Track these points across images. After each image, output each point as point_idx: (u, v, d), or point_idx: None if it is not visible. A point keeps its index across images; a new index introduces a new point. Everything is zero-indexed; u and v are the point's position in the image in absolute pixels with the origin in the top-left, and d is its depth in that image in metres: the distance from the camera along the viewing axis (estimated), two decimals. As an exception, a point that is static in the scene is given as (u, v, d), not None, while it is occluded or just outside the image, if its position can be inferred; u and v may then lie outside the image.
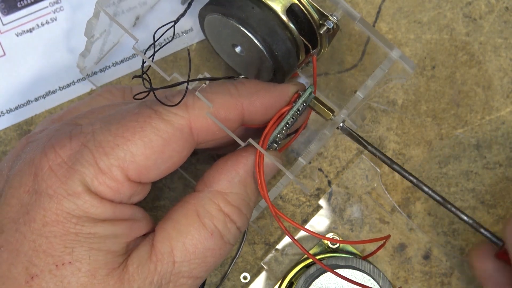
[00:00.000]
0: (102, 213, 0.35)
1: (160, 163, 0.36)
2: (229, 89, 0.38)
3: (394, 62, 0.40)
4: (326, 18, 0.41)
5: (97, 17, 0.40)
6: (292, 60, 0.41)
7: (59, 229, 0.34)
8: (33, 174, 0.35)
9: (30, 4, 0.47)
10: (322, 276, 0.44)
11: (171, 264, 0.36)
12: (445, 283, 0.47)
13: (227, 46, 0.43)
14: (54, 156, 0.35)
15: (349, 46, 0.48)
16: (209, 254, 0.37)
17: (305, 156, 0.38)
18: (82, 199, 0.34)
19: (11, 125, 0.47)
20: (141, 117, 0.35)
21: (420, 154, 0.48)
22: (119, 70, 0.48)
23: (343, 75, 0.48)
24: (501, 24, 0.49)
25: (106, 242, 0.35)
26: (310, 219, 0.47)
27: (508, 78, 0.48)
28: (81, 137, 0.35)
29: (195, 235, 0.36)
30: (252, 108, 0.38)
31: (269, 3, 0.40)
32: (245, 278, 0.46)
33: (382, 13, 0.49)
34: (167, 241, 0.36)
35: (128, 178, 0.35)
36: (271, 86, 0.40)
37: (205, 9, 0.42)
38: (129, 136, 0.35)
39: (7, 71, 0.47)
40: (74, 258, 0.34)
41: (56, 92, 0.47)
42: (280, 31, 0.40)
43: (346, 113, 0.39)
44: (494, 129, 0.48)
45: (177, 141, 0.36)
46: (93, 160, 0.34)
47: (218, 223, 0.37)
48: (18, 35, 0.47)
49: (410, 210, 0.47)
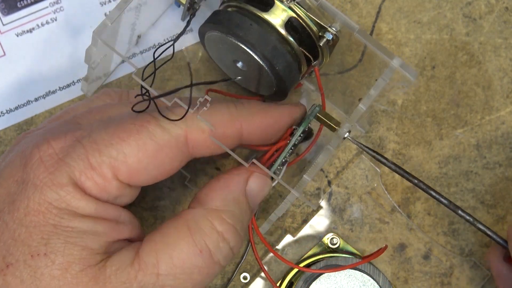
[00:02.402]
0: (84, 208, 0.35)
1: (151, 168, 0.36)
2: (229, 108, 0.38)
3: (396, 71, 0.40)
4: (325, 30, 0.41)
5: (96, 45, 0.40)
6: (294, 73, 0.41)
7: (39, 219, 0.34)
8: (23, 164, 0.35)
9: (30, 4, 0.47)
10: (322, 276, 0.44)
11: (154, 276, 0.35)
12: (445, 283, 0.47)
13: (229, 61, 0.43)
14: (46, 147, 0.35)
15: (349, 46, 0.48)
16: (196, 271, 0.36)
17: (310, 172, 0.38)
18: (66, 190, 0.34)
19: (11, 125, 0.47)
20: (138, 121, 0.36)
21: (420, 154, 0.48)
22: (119, 70, 0.48)
23: (343, 75, 0.48)
24: (501, 24, 0.49)
25: (84, 238, 0.34)
26: (310, 219, 0.47)
27: (508, 78, 0.48)
28: (77, 133, 0.36)
29: (184, 249, 0.36)
30: (250, 128, 0.38)
31: (268, 18, 0.40)
32: (245, 278, 0.46)
33: (382, 13, 0.49)
34: (153, 252, 0.35)
35: (117, 178, 0.35)
36: (272, 107, 0.40)
37: (204, 26, 0.42)
38: (124, 137, 0.35)
39: (7, 71, 0.47)
40: (49, 250, 0.34)
41: (56, 92, 0.47)
42: (280, 46, 0.40)
43: (349, 126, 0.39)
44: (494, 129, 0.48)
45: (171, 149, 0.36)
46: (84, 155, 0.35)
47: (210, 241, 0.36)
48: (18, 35, 0.47)
49: (410, 210, 0.47)
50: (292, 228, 0.47)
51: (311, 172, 0.38)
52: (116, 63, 0.47)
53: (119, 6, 0.40)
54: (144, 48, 0.48)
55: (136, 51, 0.48)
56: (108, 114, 0.39)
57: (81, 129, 0.36)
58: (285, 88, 0.42)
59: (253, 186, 0.39)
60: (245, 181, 0.38)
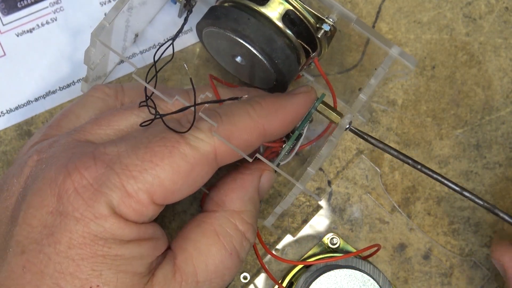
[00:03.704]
0: (128, 234, 0.35)
1: (185, 187, 0.36)
2: (248, 111, 0.38)
3: (395, 60, 0.40)
4: (323, 21, 0.41)
5: (94, 46, 0.40)
6: (293, 65, 0.41)
7: (86, 252, 0.34)
8: (57, 195, 0.35)
9: (30, 4, 0.47)
10: (322, 276, 0.44)
11: (194, 284, 0.37)
12: (445, 283, 0.47)
13: (227, 56, 0.43)
14: (79, 177, 0.35)
15: (349, 46, 0.48)
16: (227, 272, 0.38)
17: (314, 164, 0.38)
18: (109, 221, 0.34)
19: (11, 125, 0.47)
20: (168, 142, 0.35)
21: (420, 154, 0.48)
22: (120, 70, 0.48)
23: (343, 75, 0.48)
24: (501, 24, 0.49)
25: (133, 264, 0.35)
26: (310, 219, 0.47)
27: (508, 78, 0.49)
28: (106, 159, 0.35)
29: (217, 255, 0.37)
30: (272, 128, 0.38)
31: (265, 12, 0.40)
32: (245, 278, 0.46)
33: (382, 13, 0.49)
34: (190, 261, 0.37)
35: (153, 202, 0.35)
36: (287, 101, 0.40)
37: (202, 22, 0.42)
38: (157, 161, 0.35)
39: (7, 71, 0.47)
40: (102, 281, 0.34)
41: (56, 92, 0.47)
42: (278, 39, 0.40)
43: (351, 117, 0.40)
44: (494, 129, 0.48)
45: (202, 167, 0.36)
46: (119, 183, 0.34)
47: (236, 242, 0.38)
48: (18, 35, 0.47)
49: (410, 210, 0.47)
50: (292, 228, 0.47)
51: (315, 164, 0.38)
52: (114, 62, 0.47)
53: (116, 6, 0.40)
54: (144, 47, 0.48)
55: (136, 51, 0.48)
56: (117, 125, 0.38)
57: (107, 154, 0.35)
58: (285, 81, 0.42)
59: (264, 184, 0.40)
60: (258, 180, 0.40)
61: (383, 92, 0.48)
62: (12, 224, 0.36)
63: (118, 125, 0.38)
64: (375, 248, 0.44)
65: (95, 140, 0.38)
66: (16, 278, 0.34)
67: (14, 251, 0.35)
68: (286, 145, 0.41)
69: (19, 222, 0.35)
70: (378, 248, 0.44)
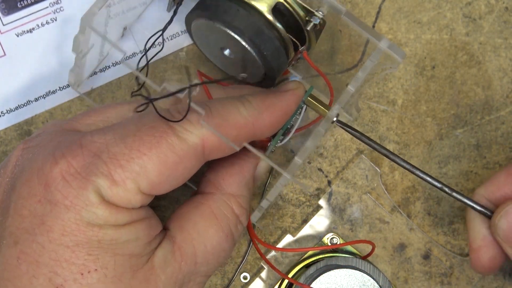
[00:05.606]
0: (121, 219, 0.35)
1: (171, 179, 0.36)
2: (238, 108, 0.38)
3: (384, 52, 0.40)
4: (312, 14, 0.41)
5: (83, 33, 0.39)
6: (282, 58, 0.41)
7: (80, 238, 0.34)
8: (44, 183, 0.35)
9: (30, 4, 0.48)
10: (322, 276, 0.44)
11: (193, 265, 0.37)
12: (445, 283, 0.47)
13: (216, 49, 0.43)
14: (66, 165, 0.35)
15: (349, 46, 0.48)
16: (223, 254, 0.38)
17: (301, 154, 0.38)
18: (101, 209, 0.34)
19: (11, 125, 0.47)
20: (157, 132, 0.35)
21: (420, 154, 0.48)
22: (119, 70, 0.48)
23: (343, 75, 0.48)
24: (501, 24, 0.49)
25: (129, 246, 0.35)
26: (310, 219, 0.47)
27: (508, 78, 0.49)
28: (93, 147, 0.35)
29: (215, 237, 0.38)
30: (262, 125, 0.38)
31: (254, 3, 0.40)
32: (245, 278, 0.46)
33: (382, 13, 0.49)
34: (189, 242, 0.37)
35: (140, 191, 0.35)
36: (277, 98, 0.40)
37: (191, 14, 0.42)
38: (145, 151, 0.35)
39: (7, 71, 0.47)
40: (100, 265, 0.34)
41: (56, 92, 0.47)
42: (267, 31, 0.40)
43: (339, 107, 0.39)
44: (494, 129, 0.48)
45: (190, 159, 0.36)
46: (107, 172, 0.34)
47: (232, 225, 0.39)
48: (18, 35, 0.47)
49: (410, 210, 0.47)
50: (292, 228, 0.47)
51: (302, 154, 0.38)
52: (103, 54, 0.47)
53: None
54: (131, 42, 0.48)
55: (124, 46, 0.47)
56: (106, 115, 0.39)
57: (95, 141, 0.35)
58: (273, 74, 0.42)
59: (260, 171, 0.41)
60: (255, 167, 0.41)
61: (383, 92, 0.48)
62: (4, 216, 0.36)
63: (108, 116, 0.38)
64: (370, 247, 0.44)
65: (83, 129, 0.38)
66: (12, 269, 0.35)
67: (8, 242, 0.35)
68: (273, 141, 0.41)
69: (11, 213, 0.35)
70: (373, 247, 0.44)
